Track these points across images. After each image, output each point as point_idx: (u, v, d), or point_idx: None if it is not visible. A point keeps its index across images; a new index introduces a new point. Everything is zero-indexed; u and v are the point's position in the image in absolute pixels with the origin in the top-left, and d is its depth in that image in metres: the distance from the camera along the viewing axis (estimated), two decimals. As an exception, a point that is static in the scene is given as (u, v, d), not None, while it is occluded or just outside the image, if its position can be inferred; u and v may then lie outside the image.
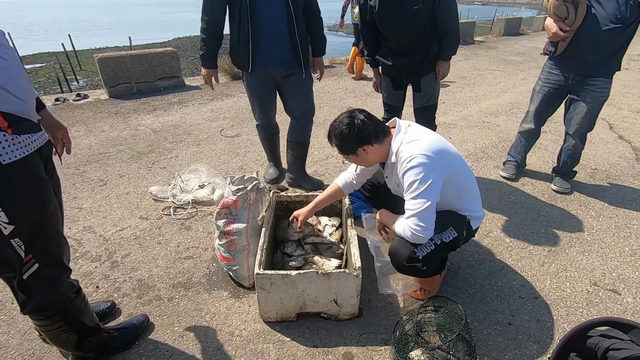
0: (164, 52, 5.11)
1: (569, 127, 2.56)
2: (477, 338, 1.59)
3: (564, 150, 2.70)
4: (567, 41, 2.28)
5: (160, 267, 1.98)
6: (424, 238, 1.45)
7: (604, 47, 2.19)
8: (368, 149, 1.53)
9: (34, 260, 1.12)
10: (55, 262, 1.20)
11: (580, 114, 2.43)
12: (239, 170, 3.02)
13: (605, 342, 1.16)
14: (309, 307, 1.62)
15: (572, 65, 2.34)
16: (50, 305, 1.22)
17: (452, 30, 2.18)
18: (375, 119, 1.56)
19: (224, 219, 1.75)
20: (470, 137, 3.74)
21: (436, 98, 2.47)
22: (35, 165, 1.07)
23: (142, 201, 2.57)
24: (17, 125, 1.01)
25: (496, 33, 11.19)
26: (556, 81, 2.45)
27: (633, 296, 1.82)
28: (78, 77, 8.41)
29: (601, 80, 2.30)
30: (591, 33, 2.17)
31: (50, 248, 1.17)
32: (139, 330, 1.58)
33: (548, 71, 2.49)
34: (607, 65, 2.25)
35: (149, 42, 12.84)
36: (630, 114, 4.41)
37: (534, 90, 2.65)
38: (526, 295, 1.83)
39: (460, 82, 5.92)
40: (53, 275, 1.20)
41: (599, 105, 2.38)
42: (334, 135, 1.54)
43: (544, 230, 2.31)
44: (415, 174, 1.40)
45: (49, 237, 1.15)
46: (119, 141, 3.54)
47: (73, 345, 1.34)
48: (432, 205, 1.41)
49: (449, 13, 2.11)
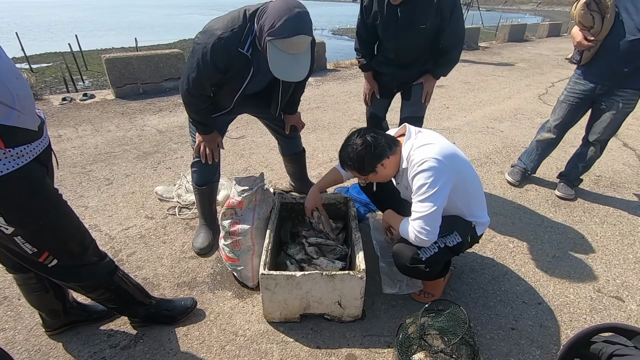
0: (170, 53, 5.16)
1: (590, 134, 2.52)
2: (480, 342, 1.59)
3: (578, 155, 2.66)
4: (592, 51, 2.25)
5: (165, 266, 2.00)
6: (427, 242, 1.46)
7: (632, 58, 2.13)
8: (386, 163, 1.52)
9: (51, 257, 1.15)
10: (74, 259, 1.23)
11: (604, 123, 2.40)
12: (244, 171, 3.04)
13: (609, 347, 1.16)
14: (312, 308, 1.63)
15: (599, 76, 2.30)
16: (85, 288, 1.33)
17: (453, 54, 2.13)
18: (382, 133, 1.57)
19: (230, 219, 1.76)
20: (474, 142, 3.75)
21: (424, 110, 2.39)
22: (33, 174, 1.05)
23: (148, 201, 2.59)
24: (11, 137, 0.97)
25: (501, 39, 11.21)
26: (582, 91, 2.41)
27: (637, 303, 1.82)
28: (84, 77, 8.48)
29: (629, 92, 2.25)
30: (618, 43, 2.13)
31: (65, 248, 1.19)
32: (185, 310, 1.67)
33: (575, 81, 2.45)
34: (636, 76, 2.20)
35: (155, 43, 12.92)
36: (635, 121, 4.41)
37: (558, 100, 2.61)
38: (529, 300, 1.83)
39: (464, 87, 5.93)
40: (76, 265, 1.23)
41: (624, 116, 2.35)
42: (350, 159, 1.51)
43: (547, 236, 2.31)
44: (425, 177, 1.41)
45: (61, 239, 1.17)
46: (125, 141, 3.56)
47: (117, 310, 1.54)
48: (439, 210, 1.42)
49: (452, 37, 2.06)
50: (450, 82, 6.14)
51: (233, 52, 1.58)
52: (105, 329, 1.63)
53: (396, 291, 1.81)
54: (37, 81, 6.60)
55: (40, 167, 1.10)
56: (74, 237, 1.21)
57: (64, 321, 1.56)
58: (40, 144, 1.11)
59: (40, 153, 1.10)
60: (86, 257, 1.26)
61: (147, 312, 1.59)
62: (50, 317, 1.52)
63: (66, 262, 1.21)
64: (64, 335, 1.58)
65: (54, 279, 1.27)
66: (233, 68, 1.64)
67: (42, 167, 1.12)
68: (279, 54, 1.48)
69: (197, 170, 2.05)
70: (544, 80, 6.50)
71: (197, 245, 2.10)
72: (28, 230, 1.07)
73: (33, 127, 1.06)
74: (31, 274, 1.35)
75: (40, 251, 1.12)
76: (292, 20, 1.42)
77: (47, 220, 1.10)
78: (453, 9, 1.97)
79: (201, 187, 2.08)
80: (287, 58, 1.49)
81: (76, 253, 1.22)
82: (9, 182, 0.99)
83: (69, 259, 1.21)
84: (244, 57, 1.61)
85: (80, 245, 1.24)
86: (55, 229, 1.14)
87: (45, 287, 1.42)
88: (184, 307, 1.66)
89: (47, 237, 1.12)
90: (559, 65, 7.84)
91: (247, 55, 1.60)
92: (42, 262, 1.15)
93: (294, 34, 1.43)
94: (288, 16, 1.41)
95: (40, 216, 1.08)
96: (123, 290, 1.45)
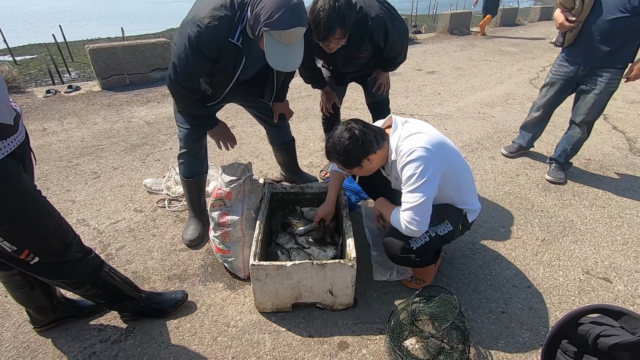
0: (157, 43, 5.03)
1: (575, 115, 2.57)
2: (471, 326, 1.61)
3: (566, 137, 2.70)
4: (574, 32, 2.29)
5: (155, 259, 1.98)
6: (418, 232, 1.45)
7: (612, 37, 2.17)
8: (372, 158, 1.50)
9: (32, 255, 1.13)
10: (57, 257, 1.20)
11: (588, 103, 2.44)
12: (234, 162, 3.00)
13: (596, 328, 1.17)
14: (304, 298, 1.62)
15: (582, 56, 2.34)
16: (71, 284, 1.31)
17: (397, 59, 2.17)
18: (371, 126, 1.53)
19: (219, 211, 1.74)
20: (465, 128, 3.74)
21: (387, 92, 2.43)
22: (7, 170, 1.02)
23: (137, 194, 2.56)
24: None
25: (492, 23, 11.13)
26: (565, 73, 2.47)
27: (624, 284, 1.85)
28: (70, 69, 8.27)
29: (611, 71, 2.29)
30: (598, 22, 2.16)
31: (45, 245, 1.16)
32: (176, 304, 1.65)
33: (559, 63, 2.51)
34: (617, 56, 2.23)
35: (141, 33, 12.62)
36: (625, 104, 4.43)
37: (544, 82, 2.68)
38: (519, 284, 1.85)
39: (455, 73, 5.90)
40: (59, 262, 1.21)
41: (608, 95, 2.38)
42: (336, 152, 1.48)
43: (537, 220, 2.33)
44: (414, 167, 1.40)
45: (41, 236, 1.14)
46: (112, 133, 3.50)
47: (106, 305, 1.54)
48: (429, 200, 1.41)
49: (392, 51, 2.08)
50: (442, 68, 6.10)
51: (222, 42, 1.53)
52: (95, 324, 1.61)
53: (387, 278, 1.81)
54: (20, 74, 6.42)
55: (16, 162, 1.06)
56: (55, 234, 1.18)
57: (52, 317, 1.54)
58: (16, 139, 1.07)
59: (15, 148, 1.06)
60: (69, 254, 1.24)
61: (137, 306, 1.57)
62: (37, 314, 1.50)
63: (48, 260, 1.18)
64: (53, 331, 1.56)
65: (38, 277, 1.24)
66: (223, 58, 1.59)
67: (18, 163, 1.08)
68: (275, 45, 1.45)
69: (184, 162, 2.01)
70: (535, 65, 6.48)
71: (187, 237, 2.08)
72: (5, 228, 1.04)
73: (7, 121, 1.02)
74: (15, 271, 1.33)
75: (19, 249, 1.09)
76: (290, 12, 1.39)
77: (24, 218, 1.07)
78: (386, 38, 1.96)
79: (189, 179, 2.05)
80: (283, 49, 1.46)
81: (58, 250, 1.20)
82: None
83: (51, 256, 1.19)
84: (234, 47, 1.56)
85: (62, 242, 1.21)
86: (34, 226, 1.11)
87: (30, 284, 1.39)
88: (174, 300, 1.65)
89: (26, 235, 1.09)
90: (550, 49, 7.83)
91: (237, 45, 1.56)
92: (23, 260, 1.12)
93: (291, 25, 1.41)
94: (286, 8, 1.39)
95: (17, 213, 1.05)
96: (111, 285, 1.43)
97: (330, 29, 1.68)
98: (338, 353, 1.49)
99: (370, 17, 1.86)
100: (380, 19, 1.87)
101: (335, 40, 1.75)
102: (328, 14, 1.64)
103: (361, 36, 1.91)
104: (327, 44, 1.79)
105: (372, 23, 1.87)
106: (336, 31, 1.70)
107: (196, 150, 1.99)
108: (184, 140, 1.95)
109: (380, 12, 1.88)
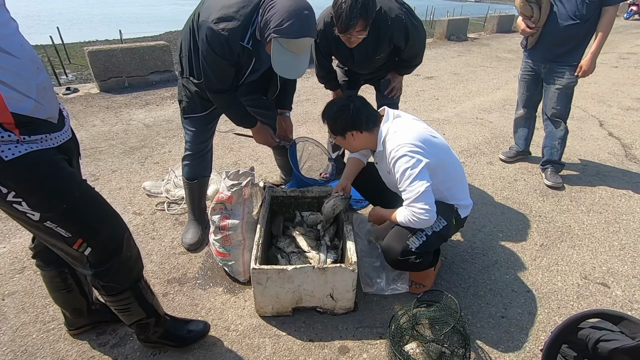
0: (155, 45, 5.03)
1: (546, 110, 2.77)
2: (471, 331, 1.61)
3: (547, 137, 2.83)
4: (535, 36, 2.58)
5: (154, 262, 1.97)
6: (430, 220, 1.47)
7: (566, 41, 2.47)
8: (356, 135, 1.60)
9: (85, 245, 1.12)
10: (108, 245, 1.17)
11: (554, 98, 2.65)
12: (233, 165, 3.00)
13: (596, 333, 1.18)
14: (305, 302, 1.62)
15: (541, 56, 2.63)
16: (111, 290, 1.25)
17: (414, 61, 2.21)
18: (371, 109, 1.63)
19: (219, 214, 1.74)
20: (463, 133, 3.76)
21: (398, 97, 2.45)
22: (50, 157, 1.02)
23: (135, 196, 2.55)
24: (27, 126, 0.96)
25: (489, 30, 11.24)
26: (532, 68, 2.74)
27: (622, 289, 1.86)
28: (67, 71, 8.25)
29: (567, 67, 2.54)
30: (554, 29, 2.46)
31: (95, 232, 1.13)
32: (199, 338, 1.52)
33: (525, 61, 2.80)
34: (570, 55, 2.52)
35: (140, 35, 12.61)
36: (620, 111, 4.48)
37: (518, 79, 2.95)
38: (519, 288, 1.86)
39: (453, 78, 5.94)
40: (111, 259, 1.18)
41: (569, 89, 2.60)
42: (327, 115, 1.63)
43: (535, 225, 2.35)
44: (405, 161, 1.45)
45: (90, 222, 1.12)
46: (111, 136, 3.48)
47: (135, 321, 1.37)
48: (430, 187, 1.45)
49: (411, 51, 2.10)
50: (440, 74, 6.15)
51: (237, 47, 1.54)
52: (94, 328, 1.60)
53: (374, 291, 1.79)
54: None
55: (59, 153, 1.07)
56: (105, 225, 1.16)
57: (86, 321, 1.53)
58: (61, 136, 1.08)
59: (61, 143, 1.08)
60: (122, 251, 1.20)
61: (161, 329, 1.45)
62: (73, 316, 1.50)
63: (100, 247, 1.15)
64: (51, 334, 1.55)
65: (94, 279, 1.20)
66: (240, 60, 1.62)
67: (62, 155, 1.08)
68: (283, 52, 1.48)
69: (188, 163, 2.01)
70: (532, 71, 6.54)
71: (186, 240, 2.07)
72: (54, 213, 1.03)
73: (52, 119, 1.04)
74: (55, 272, 1.35)
75: (74, 236, 1.08)
76: (300, 22, 1.42)
77: (71, 203, 1.06)
78: (407, 38, 1.98)
79: (192, 181, 2.04)
80: (290, 56, 1.49)
81: (108, 238, 1.17)
82: (27, 164, 0.96)
83: (102, 246, 1.16)
84: (246, 50, 1.59)
85: (114, 234, 1.19)
86: (81, 210, 1.09)
87: (69, 287, 1.40)
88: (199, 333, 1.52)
89: (75, 220, 1.08)
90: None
91: (248, 48, 1.58)
92: (78, 251, 1.11)
93: (300, 36, 1.44)
94: (297, 17, 1.41)
95: (64, 198, 1.05)
96: (144, 299, 1.35)
97: (352, 19, 1.70)
98: (339, 357, 1.49)
99: (390, 17, 1.89)
100: (400, 19, 1.91)
101: (356, 32, 1.77)
102: (350, 5, 1.68)
103: (380, 37, 1.93)
104: (348, 37, 1.81)
105: (391, 23, 1.90)
106: (357, 22, 1.72)
107: (202, 153, 2.00)
108: (190, 142, 1.96)
109: (400, 13, 1.91)
